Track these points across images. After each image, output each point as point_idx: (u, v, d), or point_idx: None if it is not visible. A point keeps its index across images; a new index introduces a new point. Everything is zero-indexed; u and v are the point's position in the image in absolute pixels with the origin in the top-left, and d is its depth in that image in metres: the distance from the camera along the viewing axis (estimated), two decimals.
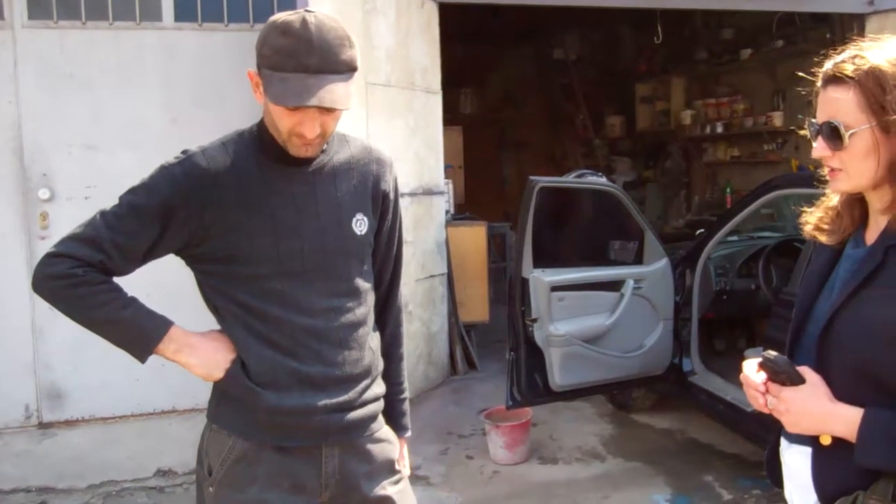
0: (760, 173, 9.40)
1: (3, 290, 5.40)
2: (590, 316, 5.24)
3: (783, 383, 1.82)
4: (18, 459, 5.28)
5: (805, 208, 2.03)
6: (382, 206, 2.30)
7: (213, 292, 2.16)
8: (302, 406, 2.13)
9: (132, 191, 2.11)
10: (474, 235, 7.57)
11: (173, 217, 2.07)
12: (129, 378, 5.47)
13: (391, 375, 2.43)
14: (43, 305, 5.49)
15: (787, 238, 5.80)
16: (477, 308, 7.59)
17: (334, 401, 2.16)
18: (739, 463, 5.40)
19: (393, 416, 2.44)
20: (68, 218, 5.43)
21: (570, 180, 5.56)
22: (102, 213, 2.10)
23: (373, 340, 2.30)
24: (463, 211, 8.72)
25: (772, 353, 1.83)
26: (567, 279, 5.16)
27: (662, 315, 5.49)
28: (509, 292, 5.34)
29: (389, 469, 2.33)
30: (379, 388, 2.33)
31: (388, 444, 2.35)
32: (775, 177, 5.46)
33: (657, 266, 5.47)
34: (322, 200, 2.17)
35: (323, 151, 2.19)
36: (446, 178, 7.54)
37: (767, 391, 1.84)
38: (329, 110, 2.03)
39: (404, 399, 2.49)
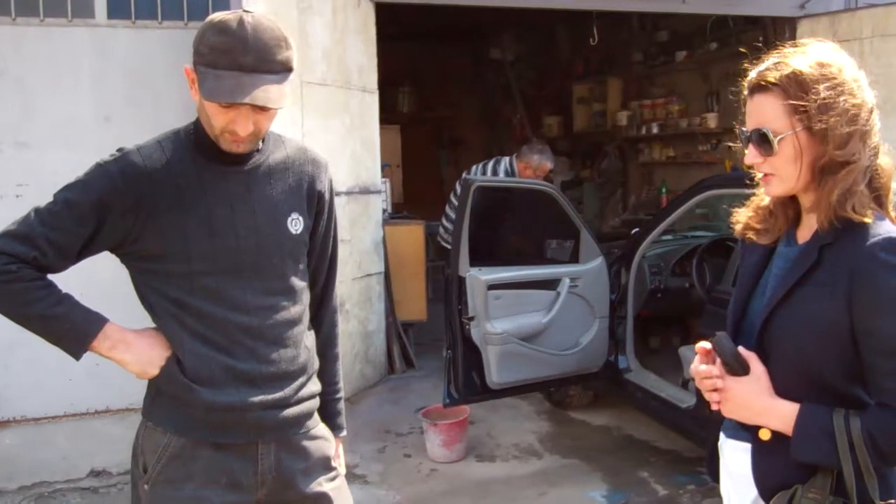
0: (695, 173, 9.51)
1: None
2: (526, 314, 5.28)
3: (727, 371, 1.87)
4: None
5: (736, 208, 2.08)
6: (318, 207, 2.32)
7: (148, 290, 2.16)
8: (237, 403, 2.14)
9: (67, 188, 2.11)
10: (412, 234, 7.58)
11: (108, 214, 2.08)
12: (62, 378, 5.37)
13: (326, 375, 2.44)
14: None
15: (720, 237, 5.90)
16: (415, 307, 7.60)
17: (270, 397, 2.17)
18: (675, 459, 5.48)
19: (328, 415, 2.46)
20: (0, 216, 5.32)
21: (506, 180, 5.60)
22: (37, 210, 2.09)
23: (308, 339, 2.31)
24: (401, 210, 8.73)
25: (723, 338, 1.87)
26: (503, 278, 5.18)
27: (598, 313, 5.54)
28: (446, 291, 5.36)
29: (325, 466, 2.34)
30: (315, 386, 2.34)
31: (325, 441, 2.36)
32: (708, 177, 5.54)
33: (593, 265, 5.52)
34: (257, 199, 2.19)
35: (259, 151, 2.20)
36: (383, 176, 7.54)
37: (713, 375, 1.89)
38: (262, 109, 2.05)
39: (339, 399, 2.51)
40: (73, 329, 2.09)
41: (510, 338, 5.16)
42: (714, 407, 1.92)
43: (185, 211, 2.11)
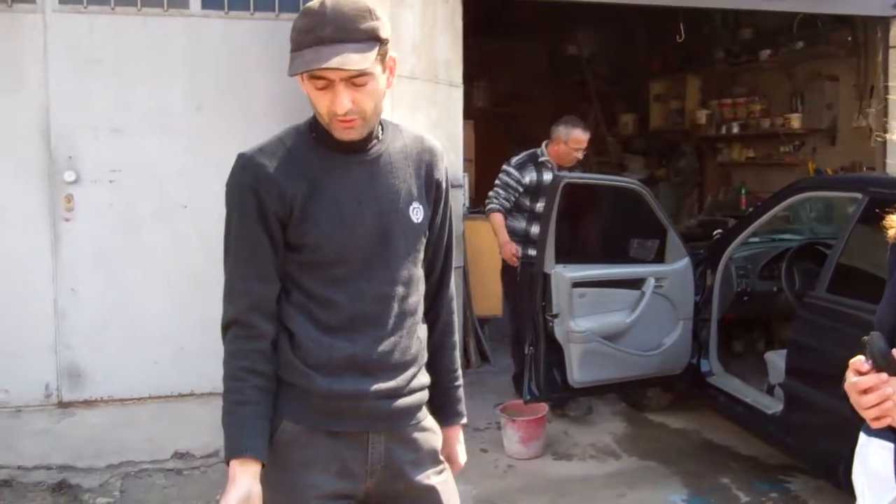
0: (776, 175, 9.40)
1: (26, 272, 5.39)
2: (610, 313, 5.28)
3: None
4: (38, 437, 5.31)
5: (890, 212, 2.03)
6: (436, 195, 2.32)
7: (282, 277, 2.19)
8: (353, 391, 2.16)
9: (227, 225, 2.17)
10: (490, 229, 7.54)
11: (268, 219, 2.12)
12: (148, 361, 5.51)
13: (446, 363, 2.46)
14: (65, 286, 5.54)
15: (810, 241, 5.81)
16: (491, 302, 7.57)
17: (384, 387, 2.19)
18: (756, 465, 5.41)
19: (449, 403, 2.48)
20: (93, 200, 5.43)
21: (595, 177, 5.58)
22: (228, 272, 2.18)
23: (421, 330, 2.32)
24: (474, 205, 8.70)
25: (876, 338, 1.82)
26: (589, 275, 5.19)
27: (682, 315, 5.51)
28: (528, 287, 5.35)
29: (434, 459, 2.34)
30: (425, 377, 2.34)
31: (433, 433, 2.36)
32: (801, 179, 5.49)
33: (678, 265, 5.50)
34: (381, 189, 2.19)
35: (378, 140, 2.21)
36: (463, 171, 7.54)
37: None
38: (358, 85, 2.04)
39: (459, 386, 2.52)
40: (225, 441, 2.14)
41: (593, 336, 5.15)
42: (878, 424, 1.83)
43: (316, 203, 2.13)
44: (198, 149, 5.55)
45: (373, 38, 2.04)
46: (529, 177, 6.21)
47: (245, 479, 2.05)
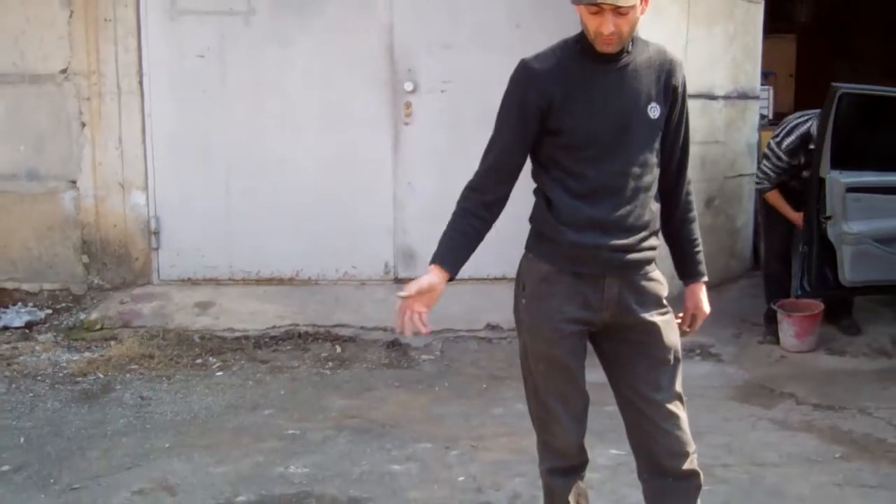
0: None
1: (372, 168, 6.52)
2: (885, 219, 5.53)
3: None
4: (377, 305, 6.36)
5: None
6: (672, 97, 2.93)
7: (545, 156, 2.91)
8: (593, 243, 2.83)
9: (500, 106, 2.90)
10: None
11: (528, 109, 2.83)
12: None
13: (688, 233, 3.10)
14: (403, 181, 6.55)
15: None
16: None
17: (618, 242, 2.84)
18: None
19: (691, 264, 3.12)
20: (427, 108, 6.41)
21: (874, 88, 5.73)
22: (491, 137, 2.92)
23: (653, 204, 2.94)
24: (778, 117, 8.89)
25: None
26: (863, 181, 5.46)
27: None
28: (807, 191, 5.72)
29: (657, 303, 2.96)
30: (655, 241, 2.96)
31: (659, 283, 2.98)
32: None
33: None
34: (626, 91, 2.84)
35: (628, 53, 2.85)
36: (766, 84, 7.83)
37: None
38: (620, 13, 2.68)
39: (699, 252, 3.13)
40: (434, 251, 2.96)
41: (866, 239, 5.45)
42: None
43: (574, 100, 2.81)
44: (515, 63, 6.30)
45: None
46: (798, 160, 5.91)
47: (433, 277, 2.90)
